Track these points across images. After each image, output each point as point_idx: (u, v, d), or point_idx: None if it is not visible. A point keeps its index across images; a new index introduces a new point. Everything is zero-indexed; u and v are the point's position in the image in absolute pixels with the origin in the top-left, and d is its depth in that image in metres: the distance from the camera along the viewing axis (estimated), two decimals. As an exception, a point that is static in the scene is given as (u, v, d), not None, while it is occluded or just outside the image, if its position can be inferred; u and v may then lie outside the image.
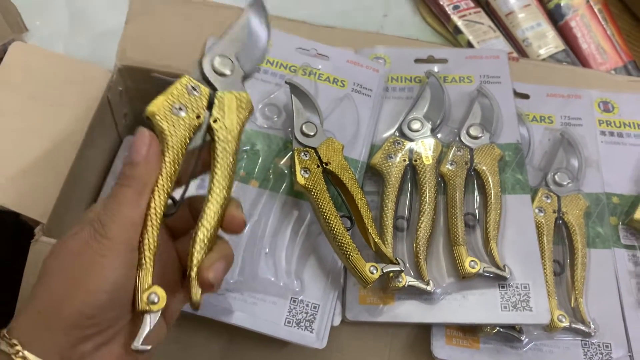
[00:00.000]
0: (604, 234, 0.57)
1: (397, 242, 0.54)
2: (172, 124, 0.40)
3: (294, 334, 0.49)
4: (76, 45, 0.80)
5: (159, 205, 0.39)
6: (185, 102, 0.41)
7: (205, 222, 0.40)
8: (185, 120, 0.41)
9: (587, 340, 0.52)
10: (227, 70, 0.43)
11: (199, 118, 0.41)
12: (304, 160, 0.51)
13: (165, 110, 0.41)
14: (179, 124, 0.40)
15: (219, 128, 0.42)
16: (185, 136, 0.40)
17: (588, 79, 0.69)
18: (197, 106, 0.41)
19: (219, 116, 0.42)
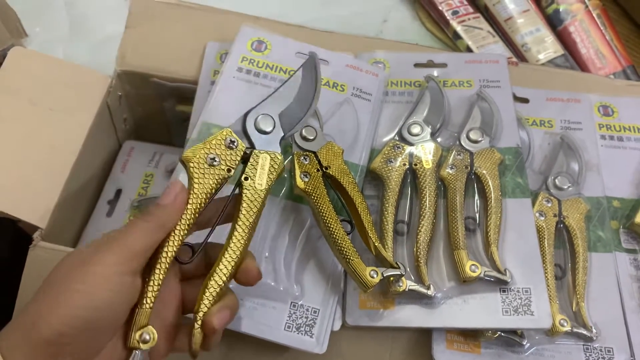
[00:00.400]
0: (605, 237, 0.57)
1: (398, 246, 0.54)
2: (202, 173, 0.42)
3: (294, 339, 0.49)
4: (76, 50, 0.80)
5: (172, 249, 0.40)
6: (221, 154, 0.43)
7: (218, 276, 0.40)
8: (216, 172, 0.42)
9: (589, 344, 0.52)
10: (268, 129, 0.45)
11: (229, 172, 0.43)
12: (304, 164, 0.51)
13: (200, 159, 0.42)
14: (209, 173, 0.42)
15: (249, 187, 0.43)
16: (212, 187, 0.42)
17: (587, 83, 0.69)
18: (230, 160, 0.43)
19: (250, 174, 0.43)
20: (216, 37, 0.64)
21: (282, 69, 0.60)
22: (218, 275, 0.40)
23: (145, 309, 0.38)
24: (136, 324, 0.38)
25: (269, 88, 0.59)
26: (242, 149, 0.44)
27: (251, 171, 0.43)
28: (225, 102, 0.57)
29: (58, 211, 0.55)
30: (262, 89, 0.59)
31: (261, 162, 0.44)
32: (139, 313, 0.38)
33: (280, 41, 0.62)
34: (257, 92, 0.58)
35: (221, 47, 0.64)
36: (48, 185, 0.56)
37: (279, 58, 0.61)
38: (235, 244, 0.41)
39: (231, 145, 0.43)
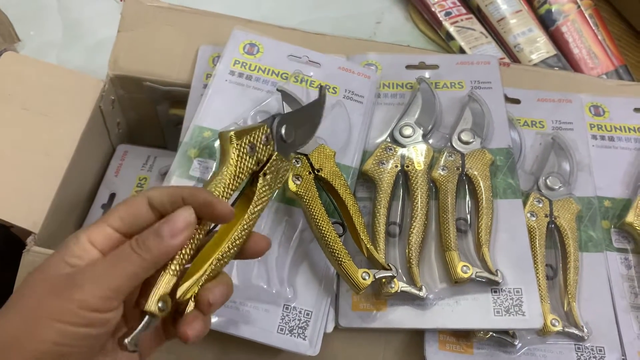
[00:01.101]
0: (596, 237, 0.57)
1: (390, 248, 0.54)
2: (242, 156, 0.42)
3: (287, 342, 0.49)
4: (69, 55, 0.81)
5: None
6: (258, 146, 0.43)
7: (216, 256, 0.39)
8: (250, 160, 0.42)
9: (581, 344, 0.52)
10: (288, 140, 0.47)
11: (258, 165, 0.43)
12: (296, 167, 0.51)
13: (243, 142, 0.42)
14: (247, 159, 0.42)
15: (264, 183, 0.43)
16: (245, 173, 0.42)
17: (579, 83, 0.69)
18: (263, 155, 0.44)
19: (268, 173, 0.44)
20: (208, 41, 0.65)
21: (275, 71, 0.60)
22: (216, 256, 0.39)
23: (170, 276, 0.36)
24: (158, 289, 0.35)
25: (262, 91, 0.59)
26: (272, 147, 0.45)
27: (270, 170, 0.44)
28: (218, 105, 0.57)
29: (51, 216, 0.55)
30: (255, 92, 0.59)
31: (276, 167, 0.44)
32: (163, 278, 0.36)
33: (272, 44, 0.62)
34: (249, 95, 0.58)
35: (214, 51, 0.64)
36: (41, 190, 0.56)
37: (271, 61, 0.61)
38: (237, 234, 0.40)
39: (266, 141, 0.44)
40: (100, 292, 0.33)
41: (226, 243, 0.40)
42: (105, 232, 0.36)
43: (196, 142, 0.55)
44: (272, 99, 0.59)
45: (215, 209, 0.38)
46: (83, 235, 0.35)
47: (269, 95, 0.59)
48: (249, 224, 0.41)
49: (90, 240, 0.35)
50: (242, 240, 0.41)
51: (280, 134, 0.46)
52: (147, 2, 0.67)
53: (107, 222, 0.36)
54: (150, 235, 0.35)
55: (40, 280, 0.34)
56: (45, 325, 0.32)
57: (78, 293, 0.32)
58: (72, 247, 0.35)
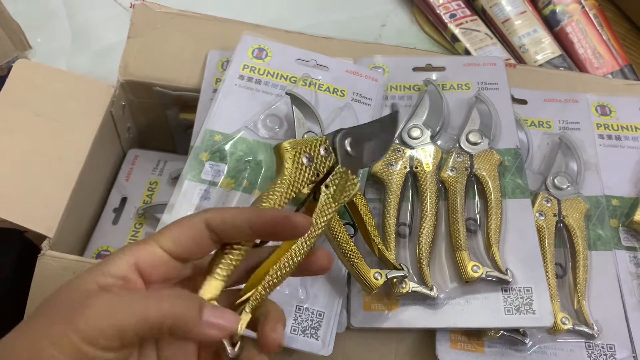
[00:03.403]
0: (604, 236, 0.58)
1: (400, 249, 0.55)
2: (297, 167, 0.41)
3: (300, 342, 0.50)
4: (78, 61, 0.81)
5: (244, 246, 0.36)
6: (316, 157, 0.42)
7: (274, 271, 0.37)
8: (307, 171, 0.41)
9: (591, 342, 0.53)
10: (353, 153, 0.45)
11: (317, 176, 0.42)
12: (306, 170, 0.52)
13: (298, 153, 0.41)
14: (303, 169, 0.41)
15: (327, 195, 0.42)
16: (301, 183, 0.41)
17: (585, 83, 0.69)
18: (322, 166, 0.43)
19: (331, 185, 0.42)
20: (217, 46, 0.65)
21: (283, 75, 0.61)
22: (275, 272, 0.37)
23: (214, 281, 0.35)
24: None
25: (271, 95, 0.60)
26: (333, 159, 0.43)
27: (333, 182, 0.43)
28: (228, 110, 0.58)
29: (65, 220, 0.56)
30: (264, 95, 0.59)
31: (340, 180, 0.43)
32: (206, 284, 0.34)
33: (280, 48, 0.63)
34: (258, 99, 0.59)
35: (222, 55, 0.65)
36: (55, 195, 0.57)
37: (279, 65, 0.62)
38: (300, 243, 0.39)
39: (326, 152, 0.43)
40: (105, 327, 0.29)
41: (284, 259, 0.38)
42: (155, 252, 0.33)
43: (207, 145, 0.56)
44: (281, 103, 0.59)
45: (291, 222, 0.35)
46: (129, 254, 0.33)
47: (278, 99, 0.59)
48: (311, 238, 0.39)
49: (137, 261, 0.33)
50: (303, 256, 0.39)
51: (343, 146, 0.44)
52: (156, 8, 0.68)
53: (158, 242, 0.34)
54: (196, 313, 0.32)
55: (63, 296, 0.32)
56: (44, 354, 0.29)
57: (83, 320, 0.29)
58: (110, 266, 0.32)
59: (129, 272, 0.32)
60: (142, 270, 0.33)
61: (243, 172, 0.55)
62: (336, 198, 0.42)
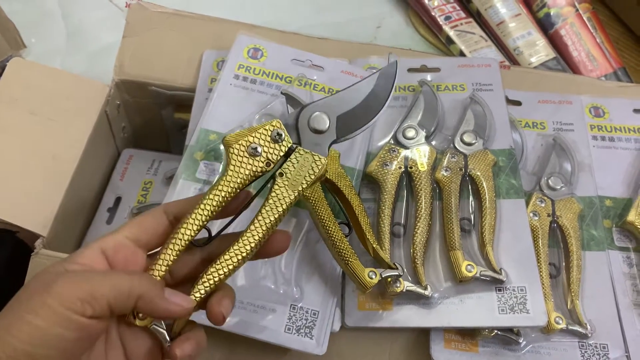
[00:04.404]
0: (598, 236, 0.58)
1: (394, 248, 0.55)
2: (240, 162, 0.40)
3: (294, 341, 0.50)
4: (73, 61, 0.81)
5: (190, 232, 0.38)
6: (264, 146, 0.41)
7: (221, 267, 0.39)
8: (254, 163, 0.41)
9: (584, 341, 0.53)
10: (321, 129, 0.43)
11: (268, 165, 0.41)
12: (301, 169, 0.52)
13: (241, 147, 0.41)
14: (248, 163, 0.41)
15: (281, 184, 0.41)
16: (247, 178, 0.41)
17: (579, 85, 0.70)
18: (272, 154, 0.41)
19: (287, 172, 0.41)
20: (213, 45, 0.65)
21: (279, 75, 0.61)
22: (221, 265, 0.39)
23: None
24: None
25: (266, 94, 0.60)
26: (287, 144, 0.42)
27: (289, 169, 0.41)
28: (223, 109, 0.58)
29: (59, 219, 0.56)
30: (259, 95, 0.60)
31: (301, 162, 0.42)
32: None
33: (276, 48, 0.63)
34: (254, 98, 0.59)
35: (218, 55, 0.65)
36: (49, 194, 0.56)
37: (275, 65, 0.62)
38: (244, 242, 0.39)
39: (277, 138, 0.41)
40: (81, 293, 0.32)
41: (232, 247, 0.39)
42: (118, 239, 0.37)
43: (202, 145, 0.56)
44: (276, 102, 0.59)
45: None
46: (96, 244, 0.37)
47: (274, 99, 0.59)
48: (261, 228, 0.40)
49: (103, 248, 0.37)
50: (255, 244, 0.40)
51: (306, 125, 0.42)
52: (152, 8, 0.68)
53: (122, 231, 0.38)
54: (151, 282, 0.36)
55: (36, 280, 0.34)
56: (22, 322, 0.31)
57: (59, 287, 0.32)
58: (80, 256, 0.36)
59: (96, 258, 0.36)
60: (107, 256, 0.37)
61: (238, 172, 0.55)
62: (295, 184, 0.41)
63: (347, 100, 0.45)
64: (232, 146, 0.41)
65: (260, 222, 0.40)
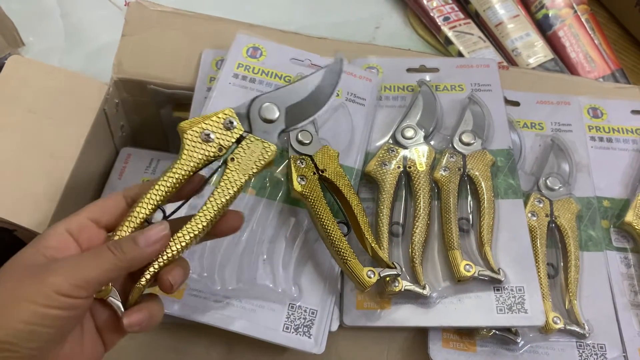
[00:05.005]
0: (596, 236, 0.58)
1: (393, 248, 0.55)
2: (193, 147, 0.43)
3: (293, 340, 0.50)
4: (71, 60, 0.81)
5: (144, 212, 0.40)
6: (216, 132, 0.43)
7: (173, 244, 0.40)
8: (207, 148, 0.43)
9: (582, 341, 0.53)
10: (271, 118, 0.45)
11: (220, 151, 0.43)
12: (301, 168, 0.52)
13: (195, 133, 0.43)
14: (201, 149, 0.43)
15: (233, 168, 0.43)
16: (200, 162, 0.43)
17: (577, 86, 0.70)
18: (224, 140, 0.43)
19: (238, 157, 0.44)
20: (212, 44, 0.65)
21: (277, 74, 0.61)
22: (173, 243, 0.40)
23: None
24: None
25: (265, 94, 0.60)
26: (239, 131, 0.44)
27: (240, 154, 0.44)
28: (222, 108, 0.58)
29: (57, 218, 0.56)
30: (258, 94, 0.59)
31: (252, 148, 0.44)
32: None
33: (275, 48, 0.63)
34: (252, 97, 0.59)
35: (217, 54, 0.65)
36: (47, 192, 0.56)
37: (274, 64, 0.62)
38: (196, 221, 0.41)
39: (229, 125, 0.44)
40: (74, 281, 0.35)
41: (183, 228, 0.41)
42: (81, 221, 0.40)
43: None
44: (275, 102, 0.59)
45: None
46: (61, 226, 0.39)
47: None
48: (212, 209, 0.41)
49: (68, 229, 0.39)
50: (207, 224, 0.41)
51: (257, 114, 0.45)
52: (151, 7, 0.67)
53: (84, 212, 0.40)
54: (128, 241, 0.38)
55: (17, 267, 0.37)
56: (21, 307, 0.34)
57: (53, 278, 0.35)
58: (49, 239, 0.38)
59: (64, 239, 0.38)
60: (73, 236, 0.39)
61: (237, 170, 0.55)
62: (245, 168, 0.43)
63: (296, 93, 0.48)
64: (186, 132, 0.43)
65: (211, 203, 0.42)
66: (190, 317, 0.49)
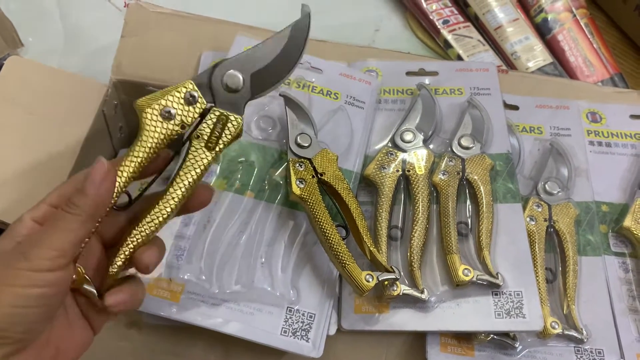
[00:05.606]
0: (594, 241, 0.58)
1: (392, 252, 0.55)
2: (154, 126, 0.40)
3: (291, 344, 0.49)
4: (70, 61, 0.81)
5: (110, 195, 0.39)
6: (177, 109, 0.40)
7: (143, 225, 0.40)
8: (168, 126, 0.40)
9: (580, 346, 0.53)
10: (235, 88, 0.42)
11: (183, 128, 0.40)
12: (299, 171, 0.52)
13: (154, 110, 0.40)
14: (161, 127, 0.40)
15: (198, 147, 0.41)
16: (162, 142, 0.40)
17: (576, 90, 0.70)
18: (187, 116, 0.40)
19: (202, 133, 0.41)
20: (211, 46, 0.65)
21: (277, 77, 0.61)
22: (143, 227, 0.39)
23: None
24: None
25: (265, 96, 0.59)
26: (202, 105, 0.41)
27: (204, 130, 0.41)
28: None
29: (55, 219, 0.56)
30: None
31: (217, 123, 0.41)
32: None
33: (274, 50, 0.63)
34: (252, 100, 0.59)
35: (216, 56, 0.64)
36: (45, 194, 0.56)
37: (273, 67, 0.61)
38: (164, 204, 0.40)
39: (191, 100, 0.41)
40: (46, 254, 0.35)
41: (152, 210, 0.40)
42: (45, 209, 0.39)
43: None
44: (274, 104, 0.59)
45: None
46: (26, 215, 0.39)
47: (272, 100, 0.59)
48: (180, 190, 0.40)
49: (33, 218, 0.39)
50: (175, 205, 0.40)
51: (220, 84, 0.41)
52: (150, 8, 0.67)
53: (46, 201, 0.40)
54: (76, 195, 0.37)
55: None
56: (3, 292, 0.34)
57: (25, 261, 0.35)
58: (17, 228, 0.38)
59: (31, 227, 0.38)
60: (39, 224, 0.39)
61: (235, 173, 0.55)
62: (211, 145, 0.41)
63: (260, 57, 0.43)
64: (144, 111, 0.40)
65: (178, 184, 0.41)
66: (187, 320, 0.49)
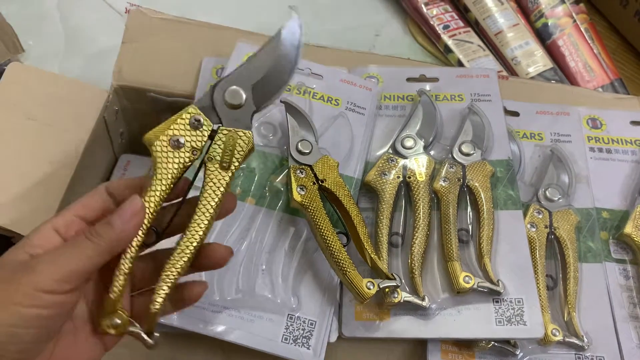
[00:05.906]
0: (595, 248, 0.58)
1: (392, 258, 0.55)
2: (165, 158, 0.40)
3: (291, 351, 0.49)
4: (70, 65, 0.81)
5: (139, 239, 0.39)
6: (185, 135, 0.40)
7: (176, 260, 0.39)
8: (180, 155, 0.40)
9: (581, 353, 0.53)
10: (238, 103, 0.42)
11: (194, 154, 0.41)
12: (300, 178, 0.52)
13: (163, 142, 0.40)
14: (173, 157, 0.40)
15: (213, 169, 0.41)
16: (177, 172, 0.40)
17: (576, 96, 0.70)
18: (196, 141, 0.40)
19: (215, 155, 0.41)
20: (212, 52, 0.65)
21: (278, 83, 0.61)
22: (176, 259, 0.39)
23: (116, 295, 0.38)
24: (104, 311, 0.38)
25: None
26: (208, 127, 0.41)
27: (216, 151, 0.41)
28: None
29: (56, 225, 0.55)
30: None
31: (227, 142, 0.41)
32: (107, 301, 0.38)
33: (275, 56, 0.63)
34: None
35: (217, 62, 0.65)
36: (46, 200, 0.56)
37: (274, 73, 0.61)
38: (193, 230, 0.40)
39: (196, 124, 0.40)
40: (55, 275, 0.34)
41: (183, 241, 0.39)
42: (67, 219, 0.39)
43: (201, 152, 0.55)
44: (275, 111, 0.59)
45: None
46: (47, 224, 0.38)
47: (273, 107, 0.59)
48: (205, 216, 0.40)
49: (55, 227, 0.38)
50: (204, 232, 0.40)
51: (223, 102, 0.41)
52: (152, 14, 0.67)
53: (70, 210, 0.39)
54: (102, 225, 0.37)
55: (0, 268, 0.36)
56: (2, 309, 0.33)
57: (32, 276, 0.34)
58: (32, 238, 0.37)
59: (51, 237, 0.37)
60: (60, 234, 0.38)
61: (236, 180, 0.55)
62: (226, 165, 0.41)
63: (257, 68, 0.43)
64: (153, 144, 0.40)
65: (202, 210, 0.40)
66: (188, 327, 0.49)
